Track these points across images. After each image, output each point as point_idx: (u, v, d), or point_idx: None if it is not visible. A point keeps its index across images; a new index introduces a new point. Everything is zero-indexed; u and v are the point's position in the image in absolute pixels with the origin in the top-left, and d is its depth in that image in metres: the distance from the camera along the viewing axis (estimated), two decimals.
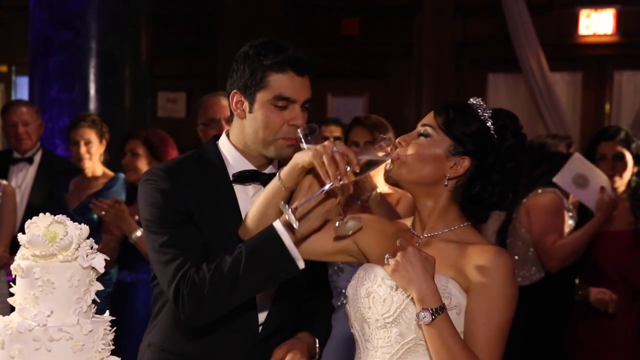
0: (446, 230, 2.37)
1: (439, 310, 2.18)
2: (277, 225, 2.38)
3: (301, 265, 2.40)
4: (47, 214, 2.12)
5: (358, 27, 9.30)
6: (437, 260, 2.28)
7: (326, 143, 2.31)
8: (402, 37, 9.17)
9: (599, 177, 4.57)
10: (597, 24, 8.48)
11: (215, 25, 9.26)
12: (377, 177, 4.06)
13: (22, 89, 9.97)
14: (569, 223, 4.63)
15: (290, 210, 2.30)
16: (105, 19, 6.39)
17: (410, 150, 2.35)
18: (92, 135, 5.31)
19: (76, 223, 2.14)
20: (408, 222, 2.51)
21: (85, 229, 2.13)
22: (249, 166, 2.61)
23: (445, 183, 2.34)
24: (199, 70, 9.26)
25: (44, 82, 6.43)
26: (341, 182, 2.27)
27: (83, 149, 5.34)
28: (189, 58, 9.26)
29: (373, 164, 2.35)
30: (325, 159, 2.27)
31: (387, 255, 2.25)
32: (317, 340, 2.64)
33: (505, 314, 2.25)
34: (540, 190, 4.64)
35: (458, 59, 8.97)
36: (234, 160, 2.62)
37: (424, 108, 9.00)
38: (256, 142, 2.57)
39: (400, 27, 9.18)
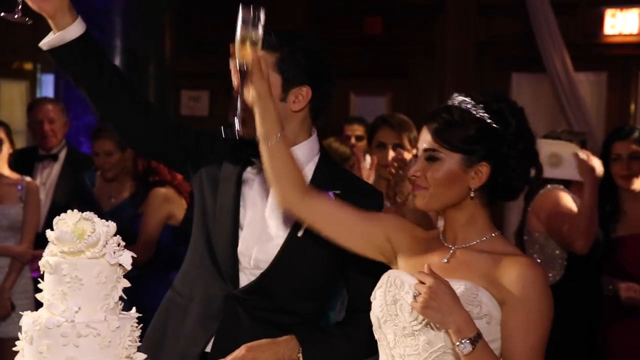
0: (478, 241, 2.33)
1: (478, 338, 2.14)
2: None
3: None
4: (75, 210, 2.14)
5: (380, 25, 9.30)
6: (468, 269, 2.26)
7: None
8: (425, 36, 9.15)
9: (568, 147, 4.50)
10: (623, 23, 8.43)
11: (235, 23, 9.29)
12: None
13: (46, 86, 10.05)
14: None
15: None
16: (130, 17, 6.44)
17: (428, 180, 2.31)
18: (111, 146, 5.26)
19: (104, 220, 2.16)
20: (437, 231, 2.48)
21: (112, 225, 2.16)
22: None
23: (472, 195, 2.30)
24: (222, 68, 9.25)
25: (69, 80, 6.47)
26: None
27: (103, 159, 5.32)
28: (212, 56, 9.25)
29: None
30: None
31: (414, 292, 2.20)
32: (300, 350, 2.60)
33: (544, 328, 2.22)
34: (542, 191, 4.61)
35: (481, 58, 8.94)
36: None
37: None
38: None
39: (423, 25, 9.16)
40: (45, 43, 2.57)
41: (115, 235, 2.15)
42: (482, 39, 8.90)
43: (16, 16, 2.50)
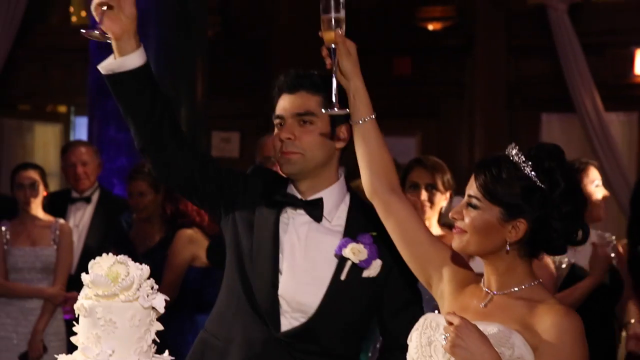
0: (516, 289, 2.32)
1: None
2: None
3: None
4: (110, 254, 2.17)
5: (410, 66, 9.35)
6: (504, 314, 2.26)
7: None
8: (454, 77, 9.18)
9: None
10: None
11: (270, 67, 9.37)
12: (432, 220, 4.05)
13: (80, 129, 10.18)
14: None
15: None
16: (162, 61, 6.52)
17: (466, 224, 2.32)
18: (145, 187, 5.32)
19: (137, 263, 2.19)
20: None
21: (146, 269, 2.18)
22: (293, 190, 2.72)
23: (507, 249, 2.30)
24: (252, 110, 9.37)
25: (103, 122, 6.56)
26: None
27: (136, 200, 5.35)
28: (243, 98, 9.38)
29: None
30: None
31: (442, 335, 2.22)
32: None
33: None
34: None
35: (511, 98, 8.95)
36: (290, 186, 2.75)
37: (476, 148, 8.97)
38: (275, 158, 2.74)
39: (452, 66, 9.20)
40: (105, 66, 2.56)
41: (148, 278, 2.17)
42: (511, 79, 8.92)
43: (97, 32, 2.48)
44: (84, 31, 2.49)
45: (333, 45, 2.48)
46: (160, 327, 2.18)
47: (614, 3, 8.94)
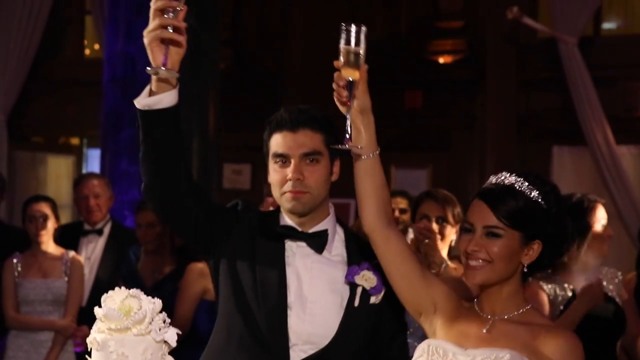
0: (515, 313, 2.42)
1: None
2: None
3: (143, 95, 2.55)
4: (123, 288, 2.18)
5: (421, 99, 9.38)
6: (509, 340, 2.33)
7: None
8: (465, 110, 9.21)
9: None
10: None
11: (282, 99, 9.42)
12: (443, 252, 4.05)
13: (92, 161, 10.24)
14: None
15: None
16: None
17: (494, 253, 2.40)
18: (154, 218, 5.26)
19: (149, 297, 2.19)
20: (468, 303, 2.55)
21: (158, 303, 2.18)
22: (290, 223, 2.73)
23: (525, 270, 2.43)
24: (263, 142, 9.39)
25: (115, 155, 6.61)
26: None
27: (145, 231, 5.35)
28: (255, 130, 9.37)
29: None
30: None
31: None
32: None
33: None
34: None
35: (522, 131, 8.96)
36: (283, 219, 2.76)
37: (487, 181, 8.97)
38: (278, 201, 2.74)
39: (463, 99, 9.23)
40: (141, 102, 2.53)
41: (160, 312, 2.17)
42: (522, 112, 8.93)
43: (163, 69, 2.46)
44: (149, 69, 2.47)
45: (351, 79, 2.47)
46: None
47: (624, 36, 8.98)
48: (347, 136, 2.46)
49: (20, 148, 10.08)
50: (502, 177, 2.46)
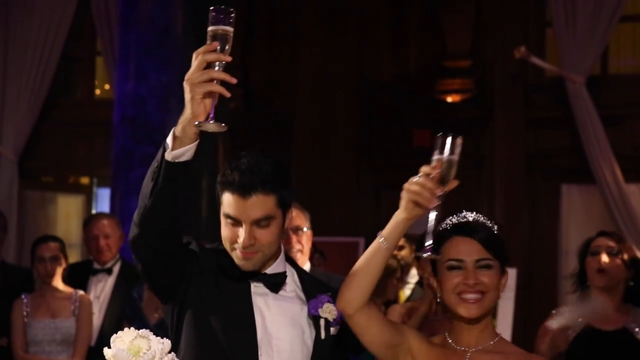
0: (491, 343, 2.51)
1: None
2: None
3: (168, 148, 2.48)
4: (132, 328, 2.19)
5: (429, 138, 9.39)
6: None
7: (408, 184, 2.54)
8: (474, 148, 9.21)
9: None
10: None
11: (289, 138, 9.46)
12: None
13: (102, 200, 10.25)
14: None
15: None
16: None
17: (487, 285, 2.51)
18: None
19: (159, 337, 2.20)
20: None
21: (167, 343, 2.20)
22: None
23: (500, 298, 2.57)
24: None
25: (125, 194, 6.64)
26: (439, 197, 2.49)
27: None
28: None
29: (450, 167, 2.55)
30: (415, 188, 2.51)
31: None
32: None
33: None
34: None
35: (530, 169, 8.96)
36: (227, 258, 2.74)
37: (496, 219, 8.92)
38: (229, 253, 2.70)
39: (471, 138, 9.23)
40: (170, 154, 2.50)
41: (169, 352, 2.18)
42: (530, 150, 8.94)
43: (212, 122, 2.46)
44: (197, 123, 2.47)
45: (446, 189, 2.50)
46: None
47: (632, 75, 9.00)
48: (431, 243, 2.52)
49: (30, 188, 10.13)
50: (464, 214, 2.66)
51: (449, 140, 2.54)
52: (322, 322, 2.69)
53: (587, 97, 8.05)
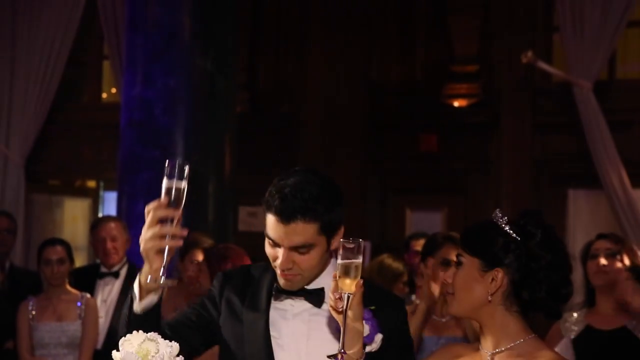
0: (512, 345, 2.41)
1: None
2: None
3: (135, 303, 2.50)
4: (140, 331, 2.19)
5: (436, 143, 9.40)
6: None
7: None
8: (481, 153, 9.21)
9: None
10: None
11: (296, 142, 9.47)
12: None
13: (109, 203, 10.28)
14: None
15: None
16: (192, 138, 6.62)
17: (454, 285, 2.46)
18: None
19: (167, 340, 2.20)
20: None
21: (175, 346, 2.19)
22: None
23: (489, 299, 2.41)
24: None
25: (132, 197, 6.64)
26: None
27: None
28: (271, 173, 9.43)
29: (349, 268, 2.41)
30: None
31: None
32: None
33: None
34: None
35: (537, 175, 8.95)
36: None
37: None
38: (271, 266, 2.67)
39: (478, 143, 9.23)
40: (139, 308, 2.54)
41: (178, 355, 2.18)
42: (537, 156, 8.93)
43: (162, 278, 2.49)
44: (148, 280, 2.50)
45: (348, 293, 2.41)
46: None
47: (639, 80, 8.99)
48: (342, 350, 2.41)
49: (37, 191, 10.16)
50: (493, 213, 2.52)
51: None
52: None
53: (594, 102, 8.03)
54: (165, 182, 2.47)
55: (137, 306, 2.51)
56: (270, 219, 2.58)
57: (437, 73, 9.31)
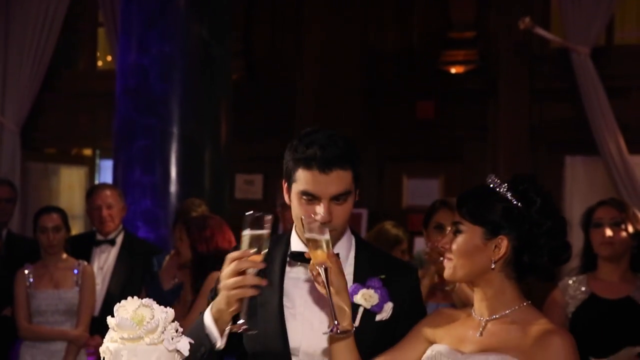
0: (507, 312, 2.43)
1: None
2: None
3: (218, 343, 2.52)
4: (135, 297, 2.18)
5: (433, 110, 9.37)
6: (501, 341, 2.36)
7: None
8: (478, 120, 9.18)
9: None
10: None
11: (292, 110, 9.43)
12: None
13: (105, 172, 10.27)
14: None
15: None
16: (187, 105, 6.60)
17: (453, 251, 2.45)
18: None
19: (162, 306, 2.19)
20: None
21: (170, 312, 2.19)
22: (304, 248, 2.67)
23: (492, 267, 2.41)
24: (275, 152, 9.35)
25: (127, 165, 6.62)
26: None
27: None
28: (266, 141, 9.43)
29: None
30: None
31: None
32: None
33: None
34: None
35: (534, 141, 8.93)
36: (294, 243, 2.73)
37: None
38: (298, 228, 2.69)
39: (475, 110, 9.20)
40: (221, 344, 2.58)
41: (173, 321, 2.17)
42: (534, 122, 8.91)
43: (244, 327, 2.51)
44: (229, 328, 2.54)
45: (324, 266, 2.43)
46: None
47: (637, 46, 8.95)
48: (336, 322, 2.41)
49: (33, 159, 10.13)
50: (487, 178, 2.51)
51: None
52: (360, 309, 2.63)
53: (592, 68, 8.00)
54: (246, 232, 2.50)
55: (221, 342, 2.56)
56: (307, 175, 2.59)
57: (434, 40, 9.26)
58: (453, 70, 9.19)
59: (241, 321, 2.49)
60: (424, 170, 9.34)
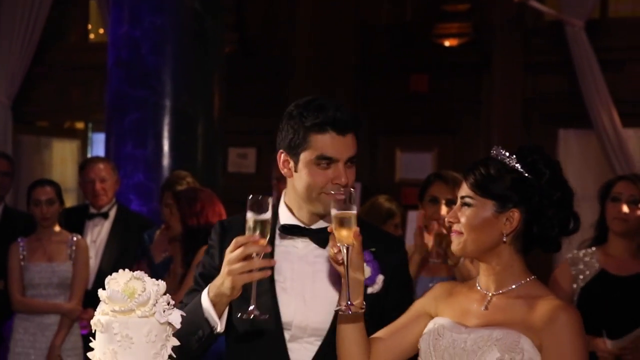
0: (513, 286, 2.41)
1: None
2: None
3: (218, 327, 2.51)
4: (127, 270, 2.18)
5: (427, 83, 9.35)
6: (506, 316, 2.34)
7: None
8: (471, 93, 9.17)
9: None
10: None
11: (286, 83, 9.40)
12: None
13: (97, 145, 10.24)
14: None
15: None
16: (180, 78, 6.56)
17: (462, 224, 2.41)
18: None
19: (153, 279, 2.19)
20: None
21: (162, 285, 2.18)
22: (295, 221, 2.68)
23: (504, 240, 2.39)
24: (269, 126, 9.34)
25: (120, 138, 6.60)
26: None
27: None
28: (260, 114, 9.41)
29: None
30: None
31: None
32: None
33: None
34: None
35: (528, 114, 8.93)
36: (283, 216, 2.71)
37: None
38: (305, 199, 2.64)
39: (469, 83, 9.19)
40: (221, 326, 2.57)
41: (165, 294, 2.17)
42: (528, 95, 8.90)
43: (256, 312, 2.48)
44: (242, 315, 2.50)
45: (347, 245, 2.39)
46: (176, 342, 2.19)
47: (631, 19, 8.93)
48: (349, 302, 2.40)
49: (25, 132, 10.09)
50: (492, 150, 2.48)
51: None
52: None
53: (586, 41, 7.98)
54: (250, 216, 2.46)
55: (221, 327, 2.55)
56: (324, 138, 2.58)
57: (428, 12, 9.22)
58: (447, 43, 9.16)
59: (252, 307, 2.45)
60: (418, 144, 9.34)
